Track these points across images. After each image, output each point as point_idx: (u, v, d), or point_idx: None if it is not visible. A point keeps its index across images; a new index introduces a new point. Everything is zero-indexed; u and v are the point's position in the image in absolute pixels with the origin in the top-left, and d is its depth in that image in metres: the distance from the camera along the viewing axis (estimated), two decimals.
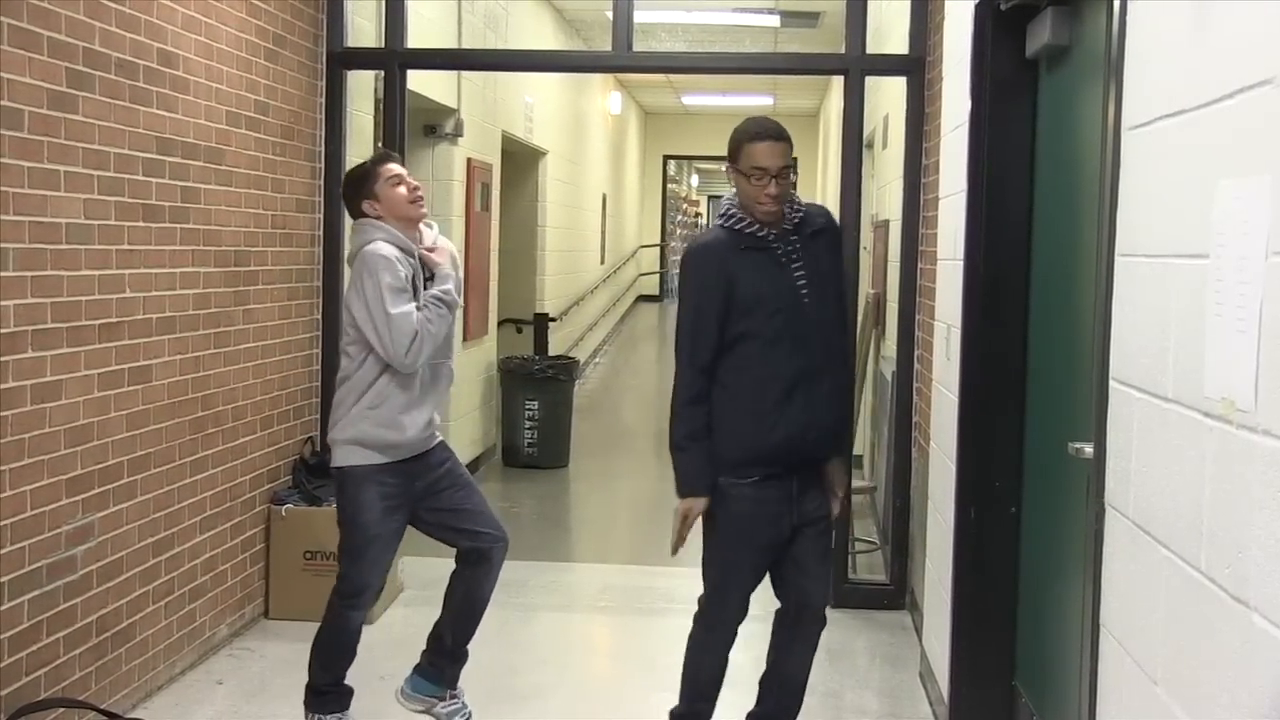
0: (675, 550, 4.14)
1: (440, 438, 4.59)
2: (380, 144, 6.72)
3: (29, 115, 3.95)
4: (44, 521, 4.12)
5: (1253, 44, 2.08)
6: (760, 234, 3.93)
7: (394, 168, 4.39)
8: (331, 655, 4.50)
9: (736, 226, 3.95)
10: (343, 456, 4.38)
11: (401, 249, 4.29)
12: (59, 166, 4.11)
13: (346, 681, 4.54)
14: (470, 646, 4.66)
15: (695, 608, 4.97)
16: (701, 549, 4.18)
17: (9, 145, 3.86)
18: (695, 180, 38.69)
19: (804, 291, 3.92)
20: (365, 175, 4.39)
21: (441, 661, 4.61)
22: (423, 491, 4.46)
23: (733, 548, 4.07)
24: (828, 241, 4.07)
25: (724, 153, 3.97)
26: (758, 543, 4.03)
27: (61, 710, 4.17)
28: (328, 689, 4.50)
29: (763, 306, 3.88)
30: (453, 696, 4.64)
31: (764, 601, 6.36)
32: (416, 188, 4.39)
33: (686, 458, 4.04)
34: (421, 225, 4.44)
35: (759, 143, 3.88)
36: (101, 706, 4.26)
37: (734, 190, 4.00)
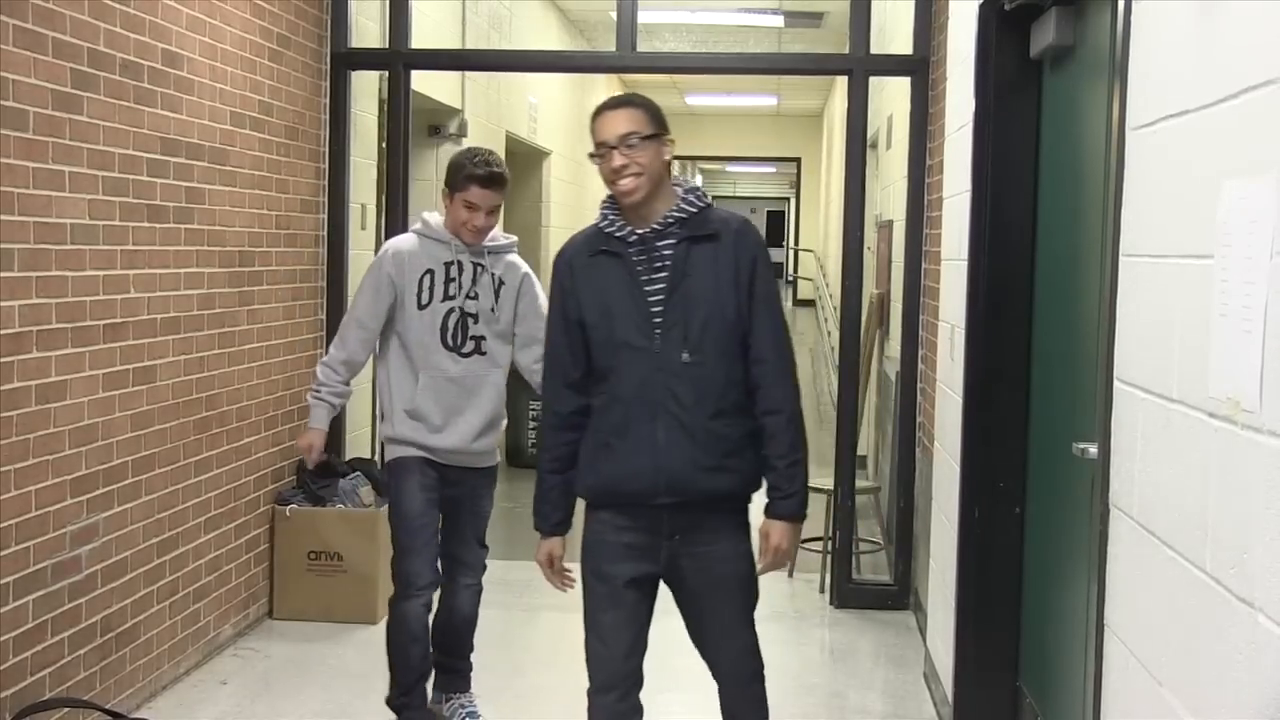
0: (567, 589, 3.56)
1: (492, 461, 4.62)
2: (383, 144, 6.73)
3: (34, 116, 3.95)
4: (49, 522, 4.12)
5: (1257, 43, 2.08)
6: (619, 235, 3.33)
7: (478, 194, 4.26)
8: (394, 656, 4.45)
9: (602, 223, 3.38)
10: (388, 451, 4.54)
11: (433, 239, 4.34)
12: (64, 167, 4.12)
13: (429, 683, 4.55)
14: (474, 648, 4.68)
15: None
16: None
17: (14, 146, 3.86)
18: (699, 180, 38.70)
19: (656, 311, 3.27)
20: (457, 169, 4.30)
21: (440, 678, 4.64)
22: (449, 499, 4.49)
23: (590, 591, 3.47)
24: (721, 254, 3.29)
25: (730, 154, 3.93)
26: (608, 574, 3.41)
27: (66, 710, 4.17)
28: (399, 705, 4.48)
29: (604, 324, 3.31)
30: (449, 700, 4.66)
31: (767, 599, 6.37)
32: (478, 229, 4.30)
33: (539, 491, 3.49)
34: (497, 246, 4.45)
35: (598, 116, 3.32)
36: (106, 707, 4.26)
37: None
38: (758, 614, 4.28)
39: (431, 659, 4.53)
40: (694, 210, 3.33)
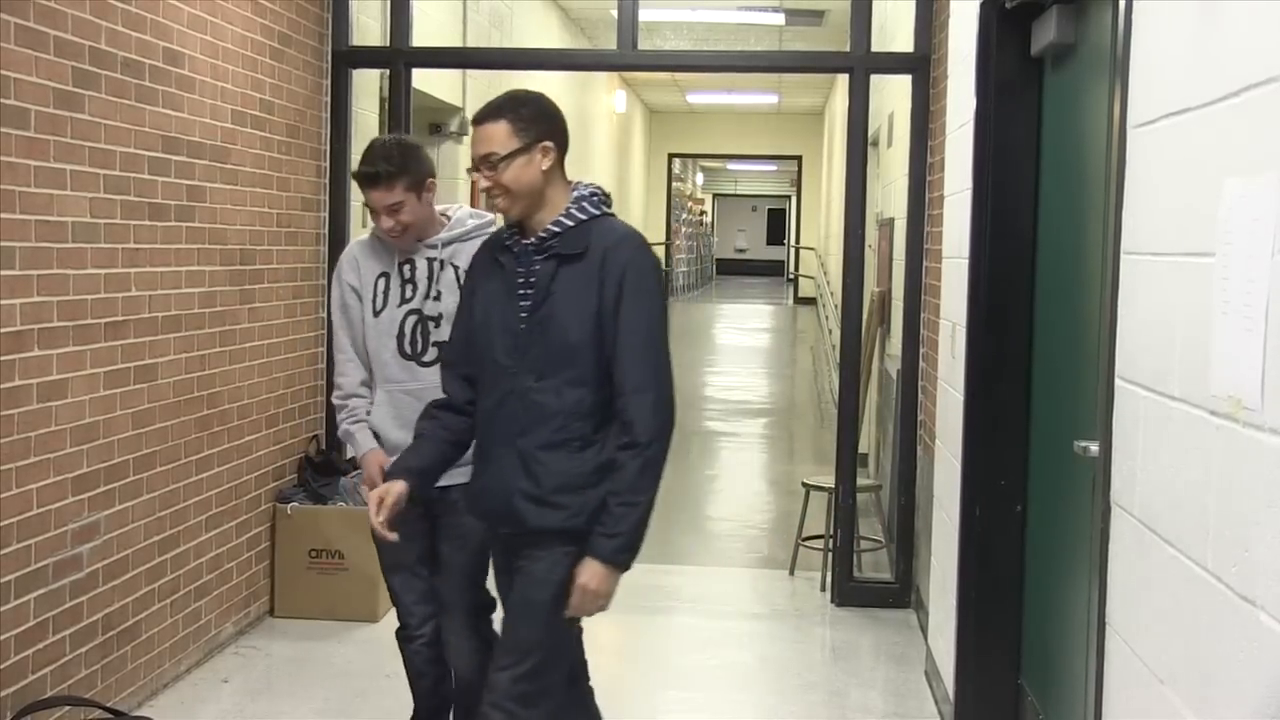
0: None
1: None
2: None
3: (35, 114, 3.95)
4: (50, 520, 4.12)
5: (1259, 42, 2.08)
6: (507, 243, 3.18)
7: (367, 195, 3.82)
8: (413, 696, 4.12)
9: (503, 231, 3.27)
10: None
11: (380, 240, 3.91)
12: (65, 165, 4.12)
13: None
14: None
15: (701, 605, 4.94)
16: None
17: (15, 144, 3.86)
18: (700, 179, 38.70)
19: (521, 330, 3.11)
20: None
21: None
22: (432, 526, 3.91)
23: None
24: (586, 275, 3.06)
25: (730, 151, 3.86)
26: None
27: (67, 708, 4.18)
28: None
29: (483, 334, 3.19)
30: None
31: (769, 598, 6.38)
32: (389, 231, 3.83)
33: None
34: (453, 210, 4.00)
35: (473, 126, 3.16)
36: (107, 705, 4.27)
37: None
38: (758, 612, 4.28)
39: (448, 689, 4.09)
40: (571, 224, 3.10)
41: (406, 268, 3.87)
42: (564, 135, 3.19)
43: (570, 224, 3.11)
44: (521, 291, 3.11)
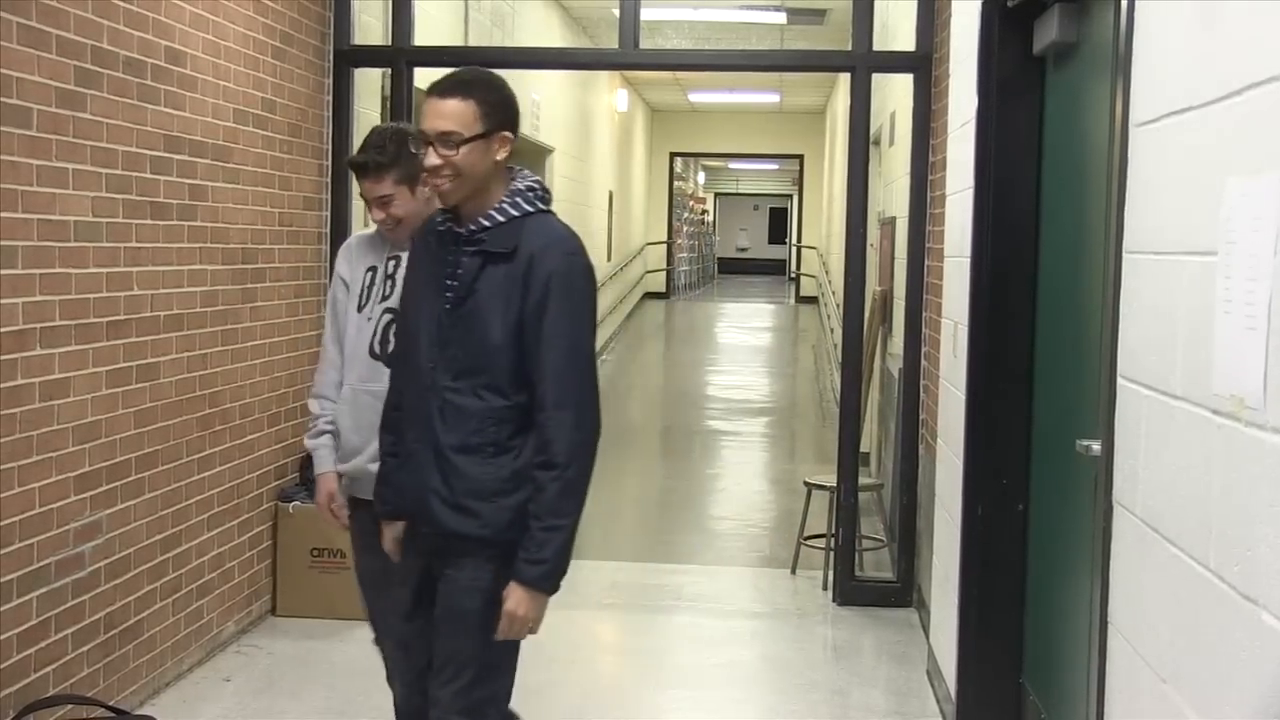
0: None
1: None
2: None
3: (37, 113, 3.95)
4: (52, 519, 4.13)
5: (1261, 40, 2.08)
6: (440, 229, 3.04)
7: (361, 185, 3.69)
8: None
9: (437, 216, 3.12)
10: None
11: (380, 234, 3.79)
12: (67, 164, 4.12)
13: None
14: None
15: (703, 604, 4.95)
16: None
17: (18, 143, 3.86)
18: (702, 177, 38.71)
19: (444, 324, 2.98)
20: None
21: None
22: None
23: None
24: (512, 276, 2.92)
25: (732, 149, 3.80)
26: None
27: (69, 707, 4.18)
28: None
29: (407, 321, 3.11)
30: None
31: (770, 596, 6.38)
32: (383, 223, 3.70)
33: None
34: None
35: (427, 97, 2.97)
36: (109, 704, 4.27)
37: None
38: (760, 611, 4.29)
39: None
40: (503, 220, 2.95)
41: (391, 263, 3.71)
42: (518, 127, 3.06)
43: (502, 219, 2.95)
44: (448, 283, 2.98)
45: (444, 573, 3.07)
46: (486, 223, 2.95)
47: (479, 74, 3.03)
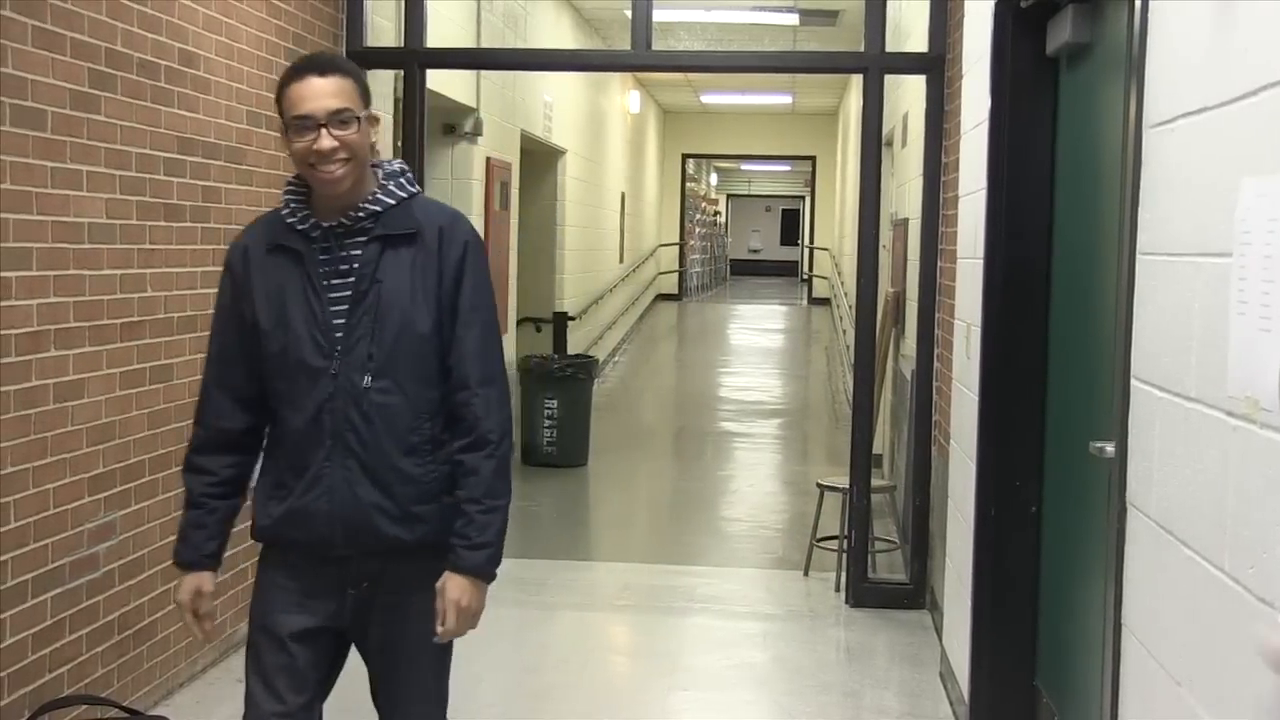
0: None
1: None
2: (399, 143, 6.73)
3: (52, 115, 3.97)
4: (66, 519, 4.14)
5: (1277, 41, 2.07)
6: (300, 227, 2.75)
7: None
8: None
9: (283, 211, 2.80)
10: None
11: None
12: (81, 166, 4.14)
13: None
14: (488, 645, 4.65)
15: (715, 606, 4.92)
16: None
17: (32, 145, 3.88)
18: (714, 179, 38.70)
19: (338, 325, 2.72)
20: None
21: None
22: None
23: (250, 641, 2.96)
24: (421, 257, 2.74)
25: (744, 151, 3.70)
26: (271, 629, 2.88)
27: (84, 707, 4.19)
28: None
29: (278, 336, 2.75)
30: None
31: (783, 598, 6.38)
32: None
33: (188, 517, 2.93)
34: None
35: (296, 81, 2.70)
36: (123, 704, 4.28)
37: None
38: (773, 613, 4.29)
39: None
40: (392, 203, 2.76)
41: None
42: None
43: (391, 202, 2.76)
44: (334, 281, 2.72)
45: (384, 602, 2.83)
46: (377, 207, 2.74)
47: (337, 54, 2.85)
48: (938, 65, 6.11)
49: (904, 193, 7.91)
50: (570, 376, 9.92)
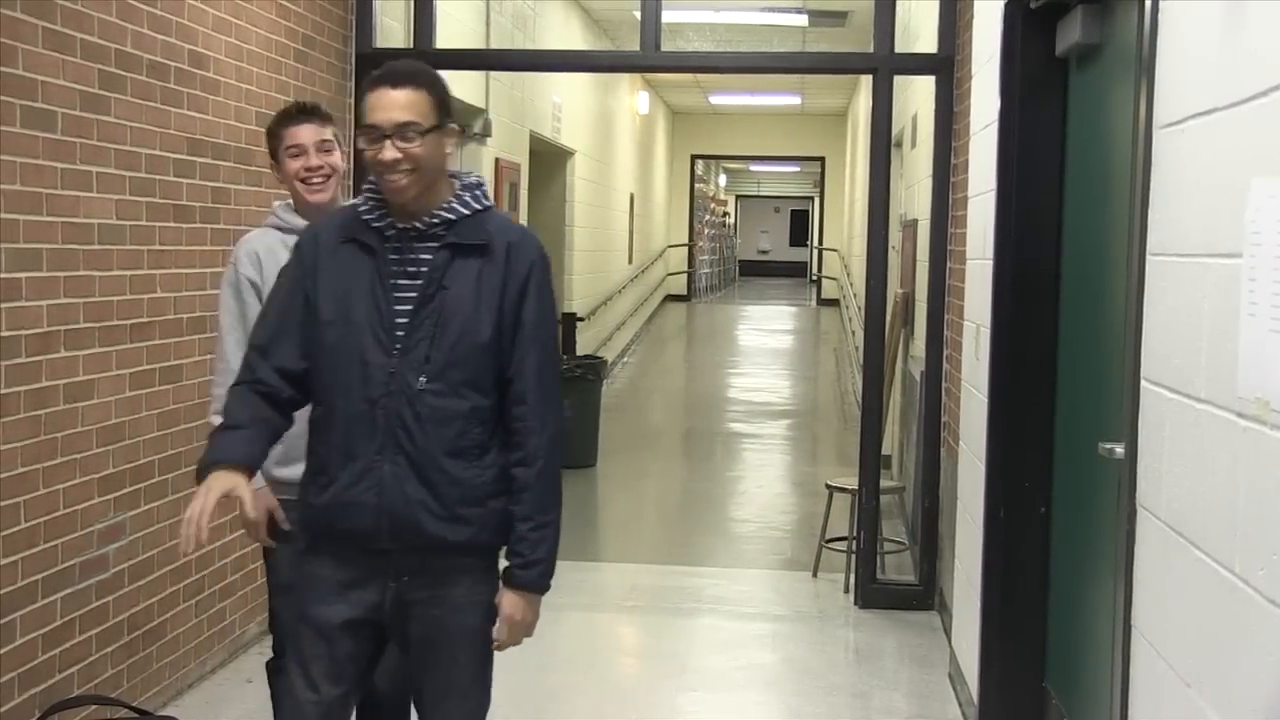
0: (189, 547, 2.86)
1: None
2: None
3: (62, 117, 3.98)
4: (76, 520, 4.15)
5: None
6: (376, 225, 2.83)
7: (298, 132, 3.59)
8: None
9: (361, 207, 2.89)
10: None
11: (288, 229, 3.61)
12: (91, 167, 4.14)
13: None
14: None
15: (724, 607, 4.93)
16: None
17: (42, 147, 3.89)
18: (723, 180, 38.69)
19: (400, 324, 2.77)
20: (270, 135, 3.68)
21: None
22: None
23: (290, 631, 3.04)
24: (489, 269, 2.80)
25: (754, 152, 3.67)
26: (311, 619, 2.89)
27: (93, 708, 4.20)
28: None
29: (339, 325, 2.80)
30: None
31: (792, 599, 6.37)
32: (318, 168, 3.59)
33: (222, 425, 2.88)
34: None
35: (372, 91, 2.80)
36: (133, 704, 4.29)
37: None
38: (781, 614, 4.29)
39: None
40: (467, 213, 2.82)
41: None
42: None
43: (466, 212, 2.82)
44: (401, 281, 2.79)
45: (424, 596, 2.84)
46: (451, 215, 2.81)
47: (423, 66, 2.90)
48: (947, 66, 6.11)
49: (913, 193, 7.91)
50: (579, 377, 9.92)
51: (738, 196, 43.33)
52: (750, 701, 5.11)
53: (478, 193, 2.87)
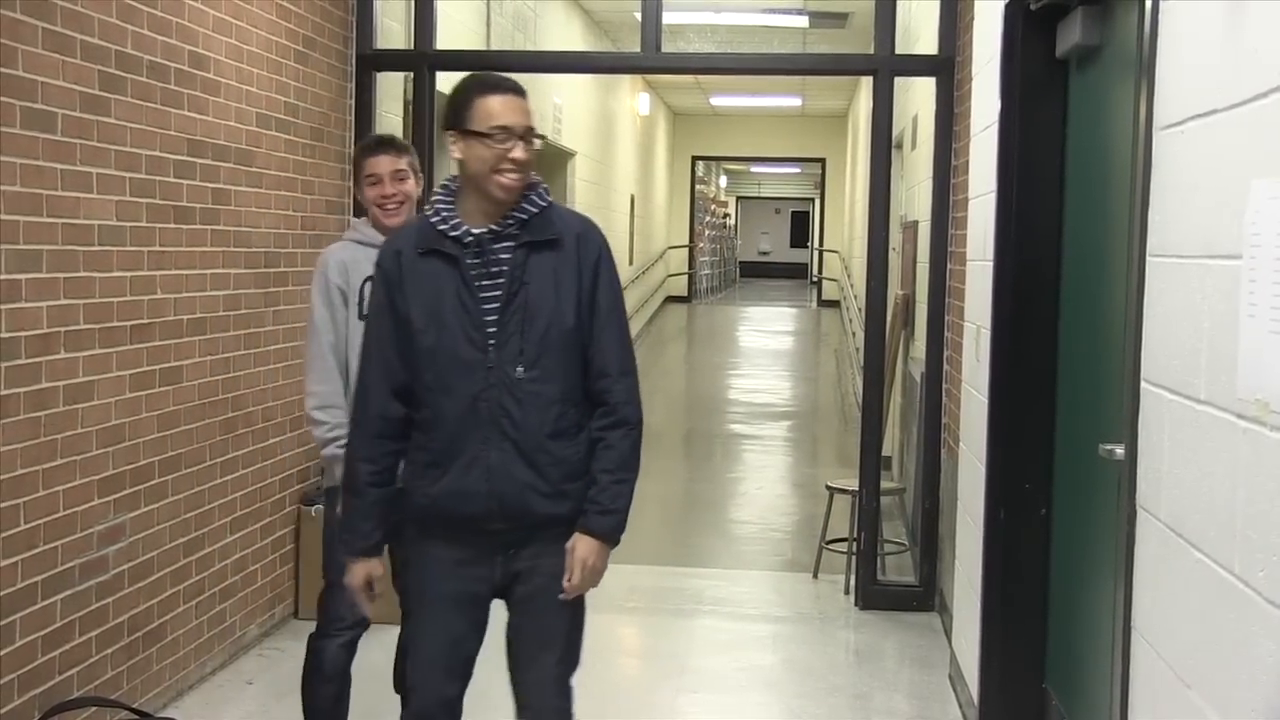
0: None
1: None
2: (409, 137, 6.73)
3: (62, 118, 3.98)
4: (76, 521, 4.15)
5: None
6: (454, 234, 3.03)
7: (376, 162, 3.97)
8: (305, 697, 4.15)
9: (434, 218, 3.06)
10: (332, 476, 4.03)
11: (367, 243, 3.92)
12: (91, 169, 4.14)
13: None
14: (498, 646, 4.64)
15: (724, 608, 4.93)
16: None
17: (42, 147, 3.89)
18: (724, 181, 38.70)
19: (490, 321, 3.00)
20: (354, 163, 4.10)
21: None
22: (394, 527, 3.93)
23: (409, 611, 3.26)
24: (563, 261, 3.04)
25: (754, 153, 3.81)
26: (431, 598, 3.18)
27: (93, 709, 4.20)
28: None
29: (432, 332, 3.03)
30: None
31: (792, 600, 6.37)
32: (393, 195, 3.96)
33: (356, 506, 3.18)
34: None
35: (496, 95, 3.02)
36: (133, 706, 4.29)
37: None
38: (782, 615, 4.30)
39: (346, 706, 4.17)
40: (534, 211, 3.05)
41: None
42: None
43: (535, 210, 3.05)
44: (485, 283, 3.01)
45: (527, 565, 3.12)
46: (523, 216, 3.03)
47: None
48: (947, 67, 6.11)
49: (914, 195, 7.91)
50: None
51: (738, 198, 43.34)
52: (751, 703, 5.11)
53: (540, 190, 3.09)
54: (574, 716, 3.28)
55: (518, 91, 3.05)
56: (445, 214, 3.05)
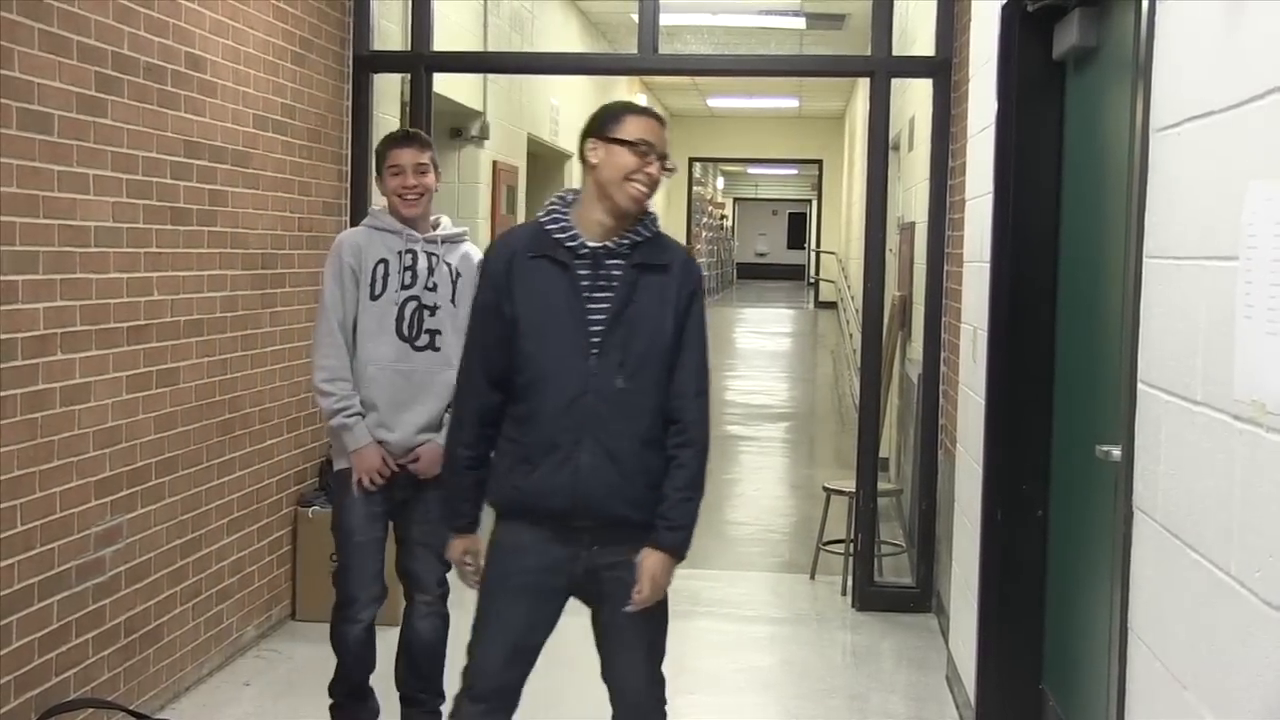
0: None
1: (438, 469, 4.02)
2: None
3: (58, 119, 3.97)
4: (73, 523, 4.14)
5: None
6: (569, 244, 3.19)
7: (400, 154, 4.19)
8: (337, 666, 4.37)
9: (549, 225, 3.23)
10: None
11: (382, 229, 4.19)
12: (88, 170, 4.14)
13: (370, 696, 4.45)
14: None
15: (722, 610, 4.91)
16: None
17: (39, 149, 3.88)
18: (721, 182, 38.68)
19: (596, 331, 3.16)
20: (378, 154, 4.29)
21: (404, 709, 4.41)
22: (398, 506, 4.27)
23: (487, 591, 3.37)
24: (668, 286, 3.22)
25: (751, 155, 3.86)
26: (512, 588, 3.33)
27: (91, 711, 4.19)
28: (339, 702, 4.41)
29: (538, 333, 3.19)
30: None
31: (789, 602, 6.37)
32: (414, 186, 4.17)
33: (456, 485, 3.38)
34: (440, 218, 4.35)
35: (647, 117, 3.24)
36: (130, 707, 4.28)
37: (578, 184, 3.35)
38: (779, 616, 4.30)
39: (370, 672, 4.41)
40: (650, 236, 3.24)
41: (407, 256, 4.18)
42: None
43: (649, 235, 3.24)
44: (595, 294, 3.17)
45: (613, 562, 3.23)
46: (637, 239, 3.21)
47: None
48: (944, 69, 6.11)
49: (911, 196, 7.91)
50: None
51: (736, 199, 43.32)
52: (748, 703, 5.11)
53: (653, 217, 3.29)
54: (667, 701, 3.44)
55: (663, 122, 3.27)
56: (563, 223, 3.21)
